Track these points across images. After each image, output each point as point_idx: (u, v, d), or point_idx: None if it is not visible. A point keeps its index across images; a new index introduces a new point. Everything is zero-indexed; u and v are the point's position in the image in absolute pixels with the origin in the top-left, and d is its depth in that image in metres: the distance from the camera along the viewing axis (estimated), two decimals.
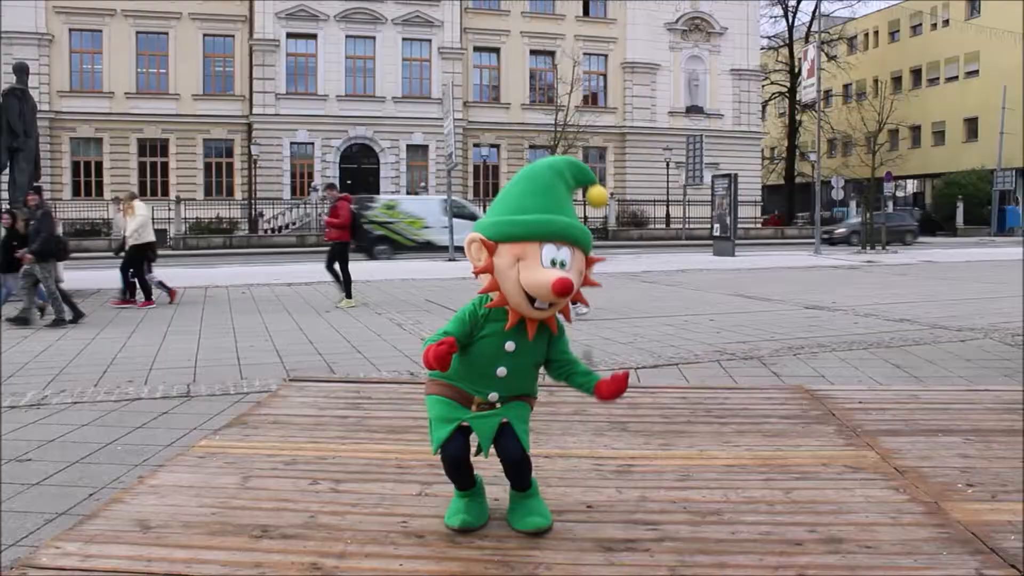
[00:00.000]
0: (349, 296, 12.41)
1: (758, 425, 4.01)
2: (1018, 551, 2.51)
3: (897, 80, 57.60)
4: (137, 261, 13.20)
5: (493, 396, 2.67)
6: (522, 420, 2.70)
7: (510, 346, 2.62)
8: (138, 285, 13.13)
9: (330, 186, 14.39)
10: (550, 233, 2.51)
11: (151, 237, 13.57)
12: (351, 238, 13.07)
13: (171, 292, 13.19)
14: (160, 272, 14.23)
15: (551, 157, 2.74)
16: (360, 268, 19.14)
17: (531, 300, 2.51)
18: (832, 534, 2.65)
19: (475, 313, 2.64)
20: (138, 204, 13.57)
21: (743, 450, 3.61)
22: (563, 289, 2.43)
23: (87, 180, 39.82)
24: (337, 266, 12.66)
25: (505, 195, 2.65)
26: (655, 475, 3.27)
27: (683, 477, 3.24)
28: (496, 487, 2.87)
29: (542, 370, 2.79)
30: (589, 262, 2.64)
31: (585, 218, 40.83)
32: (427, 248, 26.96)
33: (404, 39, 42.40)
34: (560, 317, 2.69)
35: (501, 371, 2.64)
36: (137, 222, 13.23)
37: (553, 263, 2.49)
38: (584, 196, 2.74)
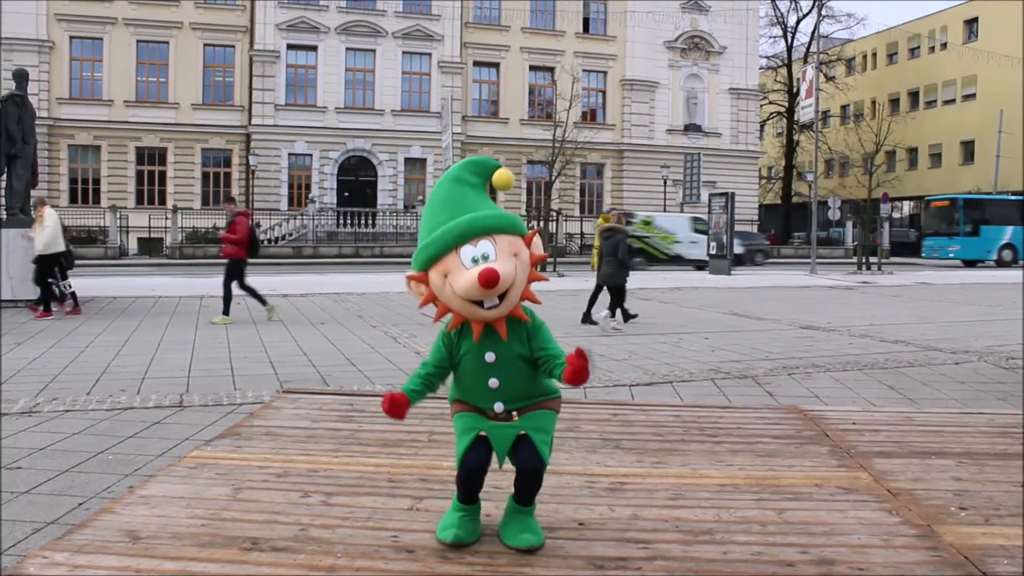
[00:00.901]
0: (226, 313, 11.95)
1: (751, 444, 4.00)
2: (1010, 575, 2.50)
3: (895, 102, 57.87)
4: (46, 270, 12.82)
5: (498, 406, 2.66)
6: (542, 431, 2.70)
7: (490, 357, 2.62)
8: (41, 292, 12.73)
9: (229, 199, 13.77)
10: (457, 236, 2.51)
11: (61, 247, 13.11)
12: (247, 254, 12.46)
13: (76, 309, 12.89)
14: (155, 281, 14.17)
15: (449, 168, 2.77)
16: (375, 280, 19.16)
17: (479, 304, 2.50)
18: (824, 556, 2.64)
19: (448, 338, 2.66)
20: (48, 212, 13.00)
21: (736, 469, 3.60)
22: (488, 279, 2.40)
23: (84, 188, 39.83)
24: (240, 283, 12.28)
25: (422, 224, 2.67)
26: (647, 493, 3.26)
27: (675, 496, 3.23)
28: (489, 503, 2.86)
29: None
30: (528, 240, 2.61)
31: (583, 234, 40.97)
32: (677, 261, 29.95)
33: (404, 52, 42.55)
34: (530, 307, 2.66)
35: (493, 383, 2.64)
36: (47, 235, 12.73)
37: (475, 261, 2.48)
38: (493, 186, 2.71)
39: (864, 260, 30.36)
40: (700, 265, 29.16)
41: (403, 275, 2.67)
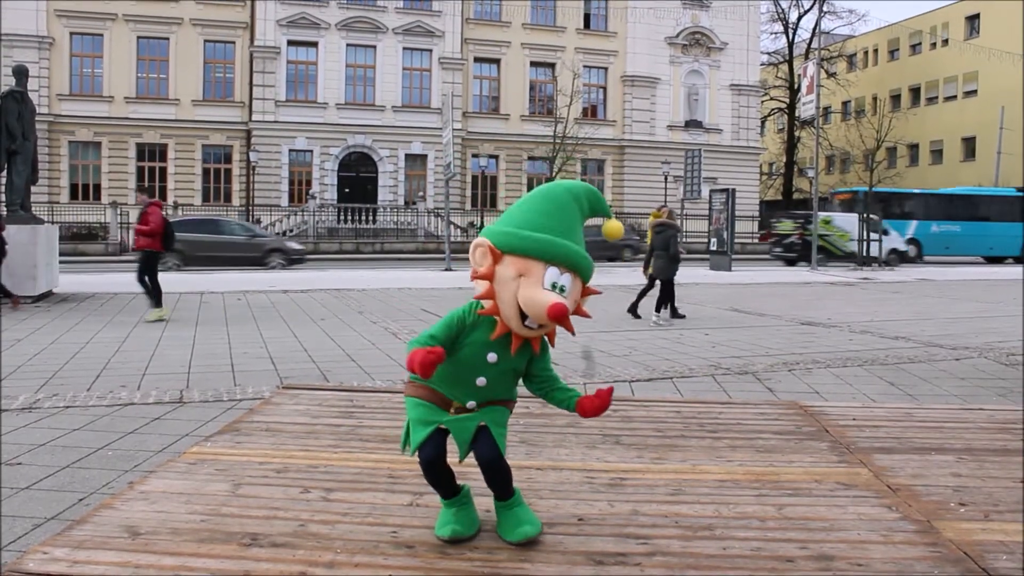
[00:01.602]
0: (159, 305, 11.63)
1: (751, 440, 4.00)
2: (1010, 571, 2.50)
3: (896, 98, 57.84)
4: None
5: (471, 404, 2.67)
6: (499, 424, 2.70)
7: (492, 357, 2.62)
8: None
9: (140, 189, 13.30)
10: (557, 256, 2.50)
11: None
12: (162, 247, 12.08)
13: (14, 300, 12.71)
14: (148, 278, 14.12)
15: (570, 181, 2.74)
16: (375, 276, 19.18)
17: (523, 317, 2.50)
18: (823, 551, 2.64)
19: (464, 319, 2.64)
20: None
21: (736, 465, 3.60)
22: (558, 315, 2.41)
23: (85, 184, 39.84)
24: (152, 277, 11.87)
25: (519, 208, 2.64)
26: (647, 489, 3.26)
27: (675, 491, 3.23)
28: (486, 499, 2.86)
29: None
30: (586, 292, 2.63)
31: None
32: (851, 258, 31.53)
33: (405, 48, 42.51)
34: (546, 339, 2.69)
35: (481, 381, 2.64)
36: None
37: (554, 287, 2.48)
38: (601, 229, 2.74)
39: (865, 256, 30.35)
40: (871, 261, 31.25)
41: (473, 242, 2.60)
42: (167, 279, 13.69)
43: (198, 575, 2.42)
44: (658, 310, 11.82)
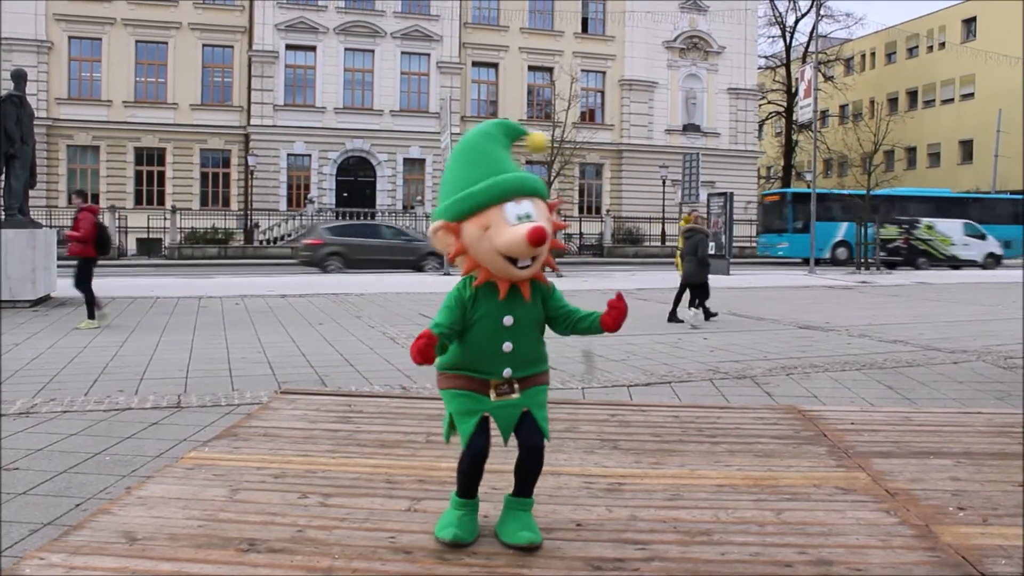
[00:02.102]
0: (91, 317, 11.25)
1: (749, 445, 4.00)
2: None
3: (893, 101, 57.92)
4: None
5: (507, 372, 2.66)
6: (541, 406, 2.73)
7: (508, 320, 2.63)
8: None
9: (77, 193, 12.79)
10: (505, 192, 2.52)
11: None
12: (96, 252, 11.57)
13: None
14: (154, 282, 14.17)
15: (479, 125, 2.77)
16: (373, 280, 19.17)
17: (513, 261, 2.51)
18: (822, 556, 2.64)
19: (461, 297, 2.64)
20: None
21: (734, 470, 3.60)
22: (538, 237, 2.43)
23: (83, 188, 39.72)
24: (86, 284, 11.45)
25: (449, 175, 2.66)
26: (645, 494, 3.26)
27: (673, 496, 3.23)
28: (487, 503, 2.85)
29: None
30: (551, 207, 2.64)
31: (581, 234, 41.02)
32: (952, 261, 33.47)
33: (403, 53, 42.53)
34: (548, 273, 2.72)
35: (507, 347, 2.64)
36: None
37: (519, 218, 2.50)
38: (525, 146, 2.76)
39: (863, 260, 30.40)
40: (969, 264, 33.42)
41: (430, 229, 2.64)
42: (161, 283, 13.67)
43: None
44: (690, 307, 12.10)
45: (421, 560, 2.60)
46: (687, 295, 12.37)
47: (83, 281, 11.47)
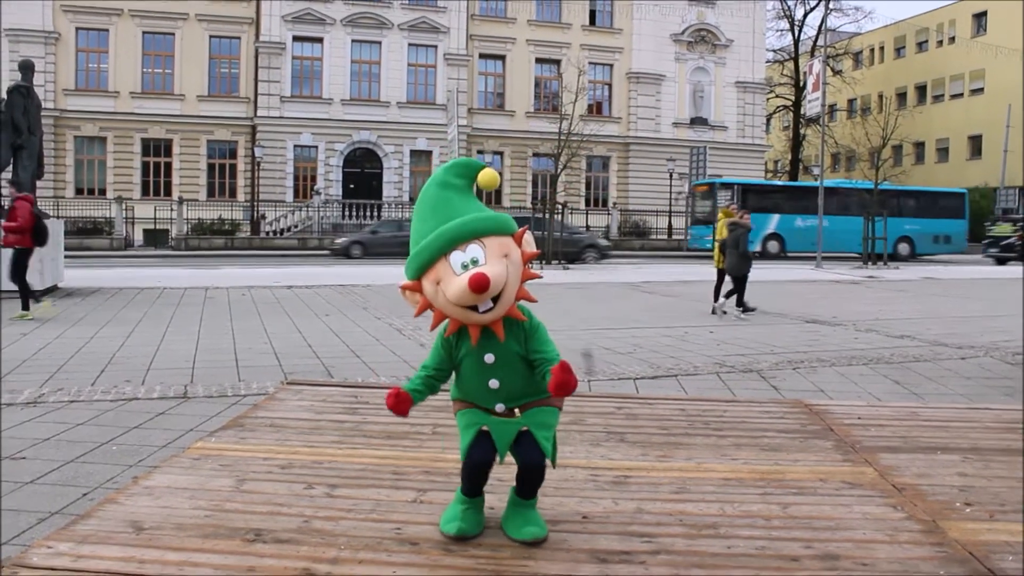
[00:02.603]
0: (26, 308, 11.01)
1: (756, 439, 3.99)
2: (1016, 572, 2.49)
3: (902, 96, 57.71)
4: None
5: (499, 407, 2.67)
6: (544, 427, 2.70)
7: (489, 359, 2.63)
8: None
9: (12, 182, 12.59)
10: (444, 243, 2.50)
11: None
12: (32, 243, 11.34)
13: None
14: (161, 272, 14.20)
15: (437, 169, 2.73)
16: (380, 272, 19.20)
17: (474, 307, 2.49)
18: (829, 551, 2.63)
19: (447, 341, 2.67)
20: None
21: (741, 463, 3.59)
22: (478, 285, 2.40)
23: (90, 179, 39.86)
24: (21, 275, 11.21)
25: (412, 229, 2.66)
26: (652, 487, 3.26)
27: (680, 489, 3.23)
28: (491, 495, 2.85)
29: None
30: (518, 238, 2.60)
31: (588, 227, 40.97)
32: None
33: (410, 44, 42.48)
34: (527, 306, 2.66)
35: (493, 383, 2.65)
36: None
37: (465, 266, 2.47)
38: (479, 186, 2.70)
39: (870, 255, 30.30)
40: None
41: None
42: (168, 274, 13.69)
43: (202, 571, 2.42)
44: (727, 296, 12.44)
45: (427, 551, 2.60)
46: (726, 286, 12.68)
47: (18, 273, 11.23)
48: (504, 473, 2.88)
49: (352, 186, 41.89)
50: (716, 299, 12.65)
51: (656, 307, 13.31)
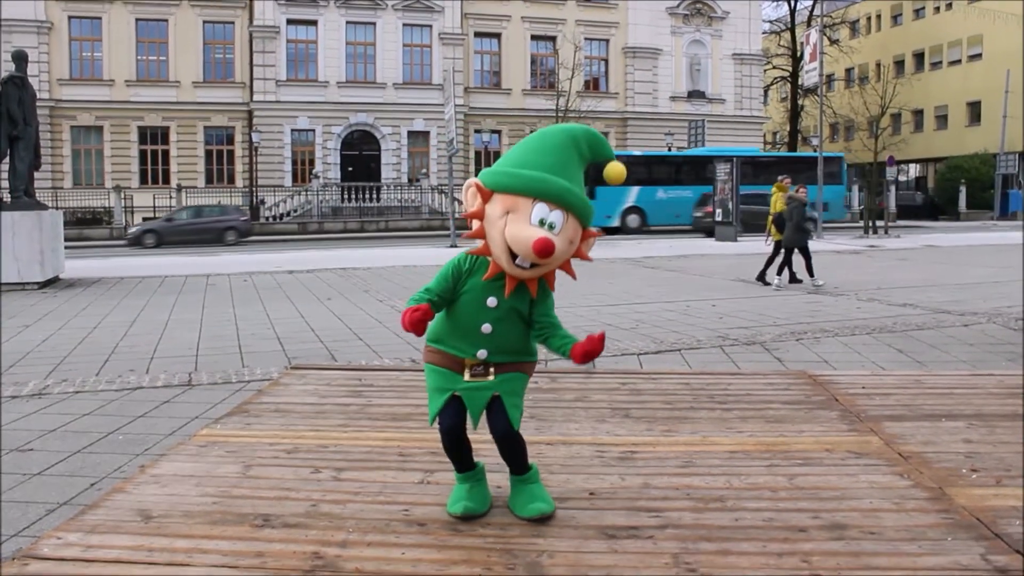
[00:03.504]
0: None
1: (761, 411, 3.99)
2: (1022, 536, 2.50)
3: (900, 64, 57.38)
4: None
5: (482, 353, 2.62)
6: (514, 394, 2.67)
7: (491, 302, 2.60)
8: None
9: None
10: (544, 192, 2.46)
11: None
12: None
13: None
14: (161, 261, 14.19)
15: (571, 124, 2.68)
16: (381, 254, 19.18)
17: (513, 256, 2.48)
18: (836, 520, 2.64)
19: (459, 268, 2.63)
20: None
21: (746, 436, 3.60)
22: (543, 250, 2.39)
23: (88, 168, 39.78)
24: None
25: (514, 149, 2.62)
26: (658, 461, 3.26)
27: (686, 463, 3.23)
28: (498, 475, 2.86)
29: None
30: (586, 235, 2.59)
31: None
32: None
33: (404, 25, 42.27)
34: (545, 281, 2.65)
35: (486, 328, 2.61)
36: None
37: (542, 223, 2.45)
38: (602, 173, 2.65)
39: (871, 224, 30.27)
40: None
41: (465, 183, 2.59)
42: (168, 262, 13.67)
43: (211, 557, 2.42)
44: (779, 272, 12.82)
45: (435, 532, 2.61)
46: (780, 258, 13.09)
47: None
48: None
49: (350, 169, 41.80)
50: (765, 268, 13.11)
51: (659, 281, 13.30)
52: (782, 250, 13.09)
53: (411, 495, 2.92)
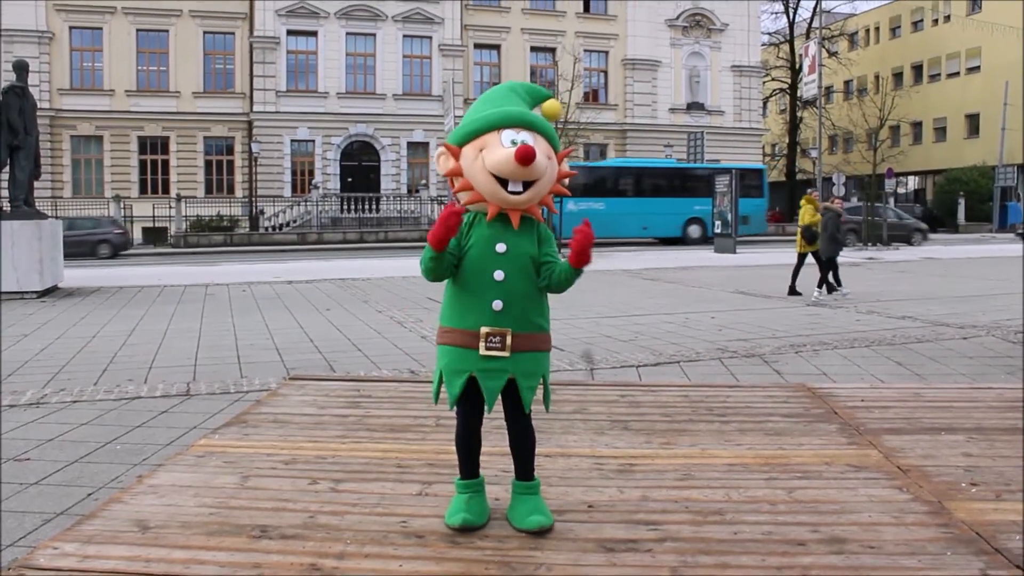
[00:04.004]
0: None
1: (760, 424, 3.99)
2: (1022, 551, 2.49)
3: (898, 76, 57.53)
4: None
5: (497, 304, 2.63)
6: (530, 375, 2.69)
7: (501, 247, 2.63)
8: None
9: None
10: (504, 118, 2.60)
11: None
12: None
13: None
14: (160, 270, 14.19)
15: (505, 81, 2.91)
16: (380, 265, 19.18)
17: (504, 185, 2.54)
18: (835, 534, 2.63)
19: (459, 226, 2.66)
20: None
21: (745, 449, 3.59)
22: (524, 155, 2.46)
23: (87, 178, 39.79)
24: None
25: (466, 114, 2.76)
26: (656, 474, 3.26)
27: (685, 476, 3.23)
28: (496, 487, 2.85)
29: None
30: (559, 157, 2.70)
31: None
32: None
33: (404, 36, 42.35)
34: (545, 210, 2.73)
35: (498, 274, 2.63)
36: None
37: (514, 143, 2.54)
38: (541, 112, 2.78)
39: (870, 236, 30.29)
40: None
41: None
42: (167, 271, 13.66)
43: (208, 568, 2.42)
44: (819, 285, 12.87)
45: (433, 544, 2.60)
46: (805, 271, 13.29)
47: None
48: (509, 464, 2.88)
49: (350, 179, 41.81)
50: (793, 281, 13.18)
51: (658, 293, 13.30)
52: (803, 262, 13.38)
53: (409, 507, 2.91)
